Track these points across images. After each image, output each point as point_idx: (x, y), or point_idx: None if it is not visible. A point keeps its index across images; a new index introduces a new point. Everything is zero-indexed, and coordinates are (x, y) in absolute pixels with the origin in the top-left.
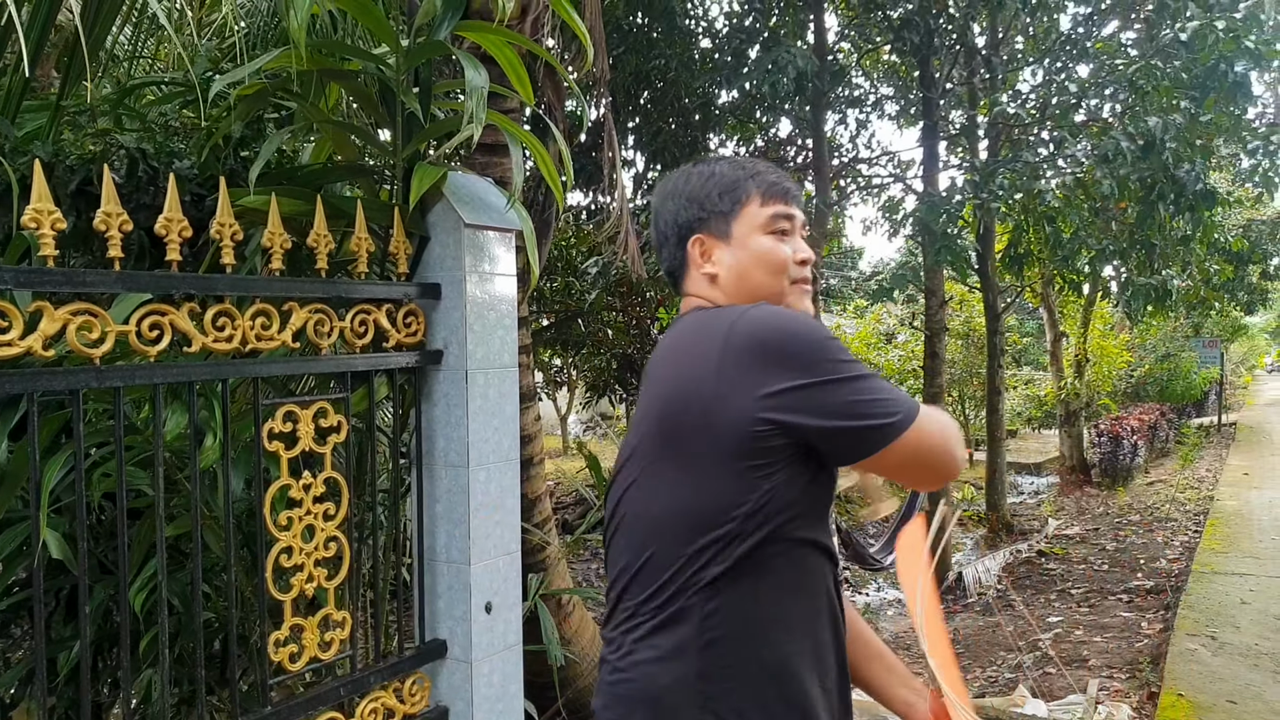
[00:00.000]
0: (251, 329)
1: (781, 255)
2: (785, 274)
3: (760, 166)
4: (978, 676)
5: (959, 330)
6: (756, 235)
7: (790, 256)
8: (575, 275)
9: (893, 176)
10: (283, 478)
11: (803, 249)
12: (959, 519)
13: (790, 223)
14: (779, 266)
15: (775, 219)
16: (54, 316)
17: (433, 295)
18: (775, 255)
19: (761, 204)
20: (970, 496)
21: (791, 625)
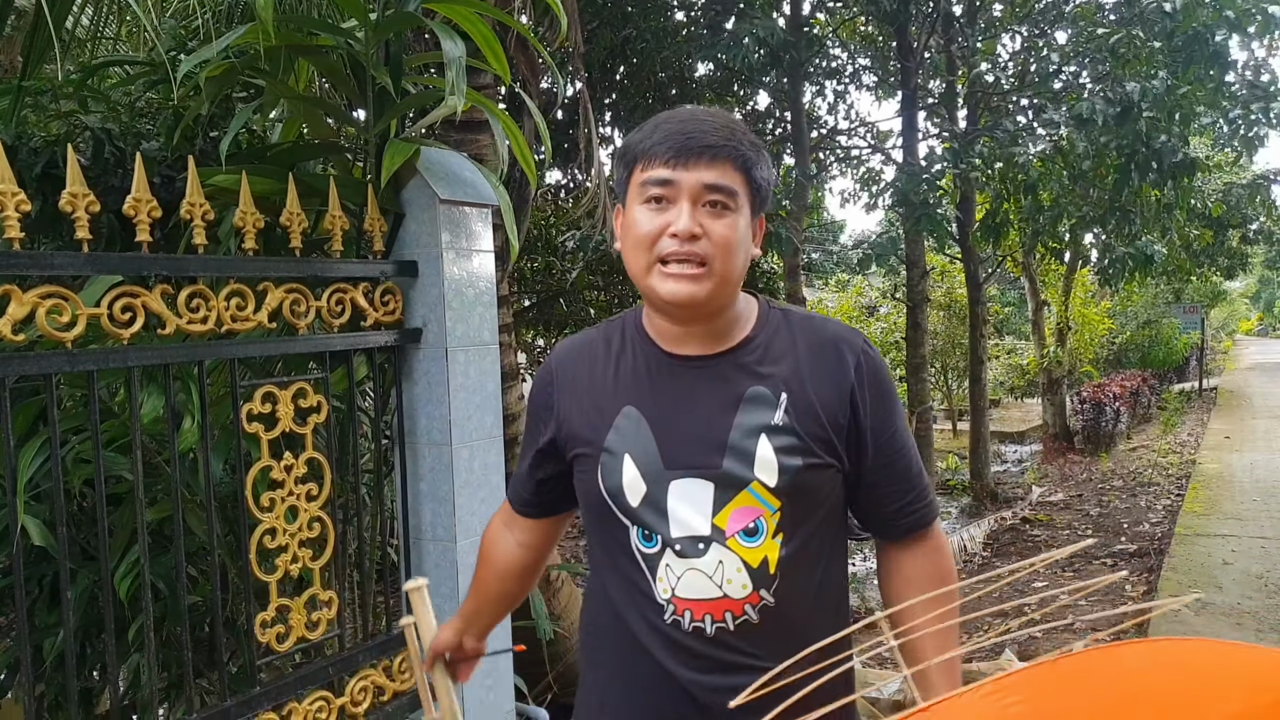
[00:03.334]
0: (227, 310)
1: (641, 229)
2: (647, 250)
3: (670, 121)
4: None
5: (941, 301)
6: (633, 205)
7: (653, 230)
8: (556, 255)
9: (871, 147)
10: (263, 459)
11: (679, 220)
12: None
13: (667, 188)
14: (639, 241)
15: (645, 185)
16: (22, 300)
17: (410, 273)
18: (634, 229)
19: (642, 168)
20: (954, 466)
21: None
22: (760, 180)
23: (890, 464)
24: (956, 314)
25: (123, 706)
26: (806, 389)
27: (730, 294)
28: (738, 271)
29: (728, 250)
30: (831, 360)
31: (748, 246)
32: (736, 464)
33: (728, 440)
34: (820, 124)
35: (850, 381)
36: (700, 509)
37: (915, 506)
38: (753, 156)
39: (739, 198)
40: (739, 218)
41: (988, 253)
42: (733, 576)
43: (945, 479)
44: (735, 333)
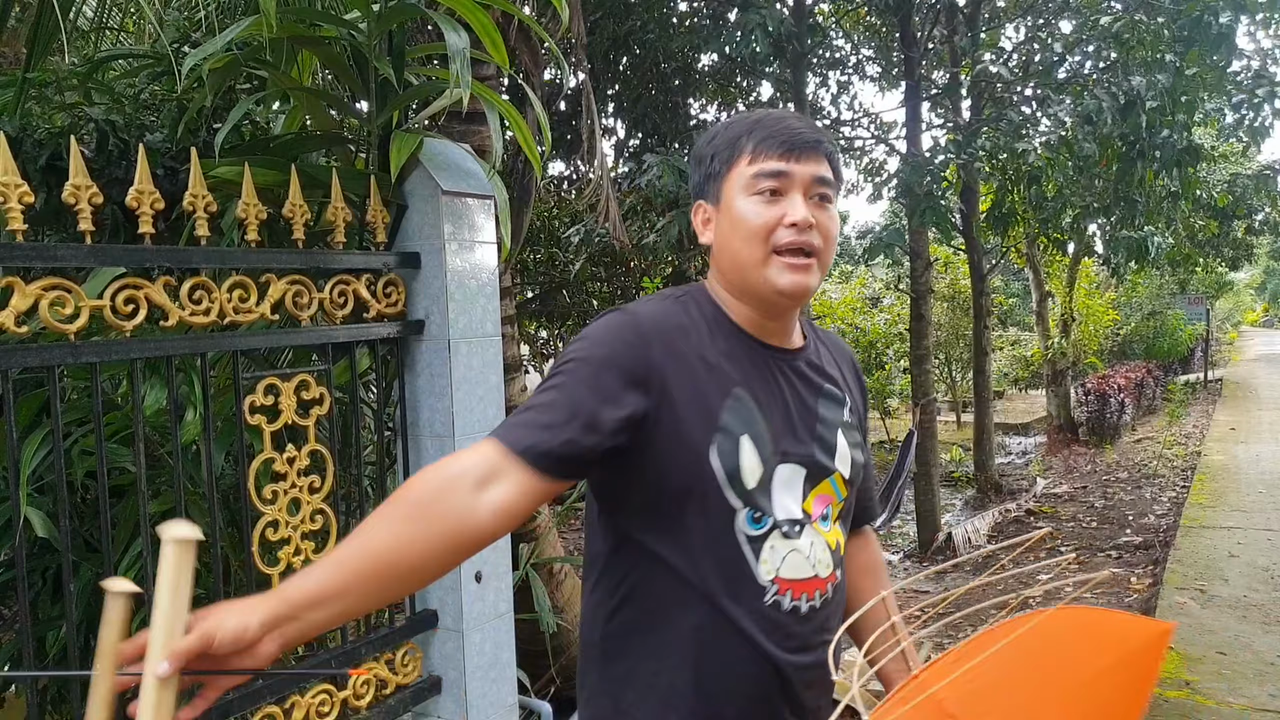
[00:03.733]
0: (229, 302)
1: (754, 220)
2: (762, 241)
3: (770, 118)
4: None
5: (944, 292)
6: (739, 198)
7: (769, 221)
8: (558, 246)
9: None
10: (266, 451)
11: (796, 210)
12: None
13: (781, 180)
14: (752, 233)
15: (758, 178)
16: (25, 292)
17: (412, 264)
18: (747, 220)
19: (750, 161)
20: (958, 457)
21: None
22: (839, 176)
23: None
24: (960, 305)
25: None
26: (854, 392)
27: (817, 282)
28: (830, 262)
29: (830, 241)
30: (850, 367)
31: (836, 228)
32: (824, 454)
33: (816, 431)
34: (824, 115)
35: (860, 389)
36: (794, 493)
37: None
38: (838, 155)
39: (836, 192)
40: (834, 209)
41: (992, 244)
42: (821, 557)
43: (949, 471)
44: (797, 332)
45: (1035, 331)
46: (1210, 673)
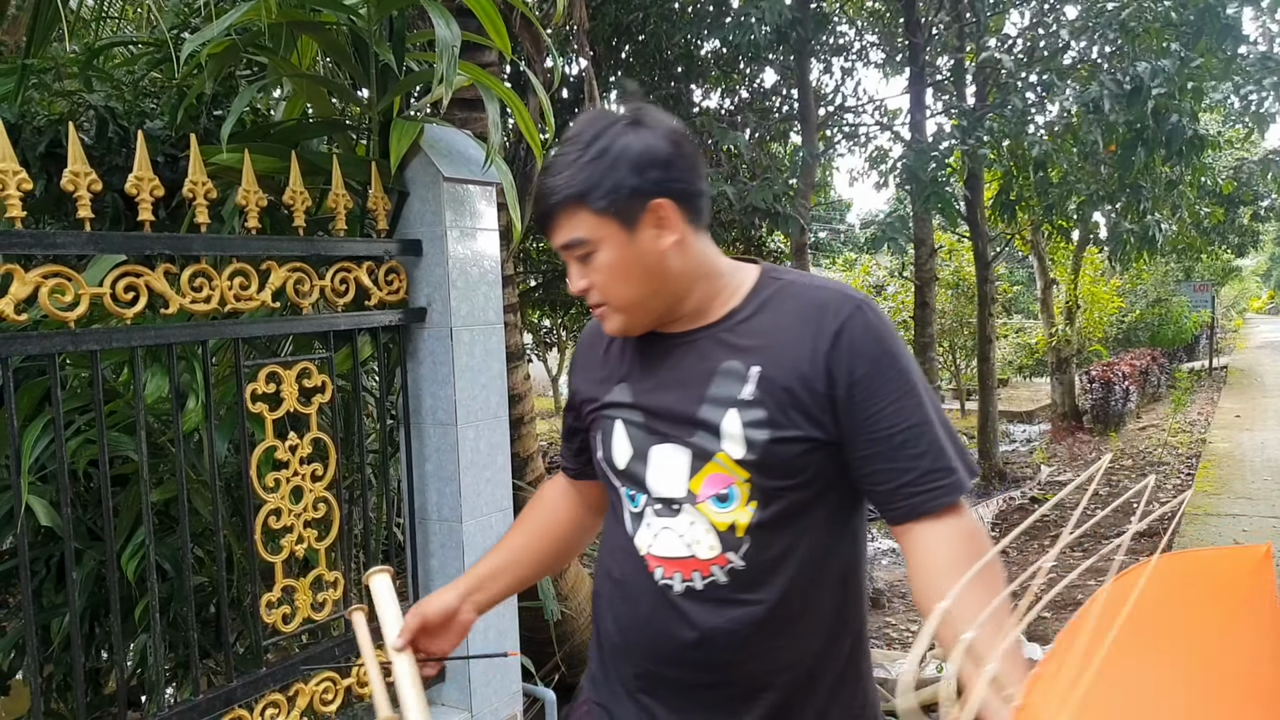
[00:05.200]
0: (230, 289)
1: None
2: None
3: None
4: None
5: (949, 280)
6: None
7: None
8: None
9: (879, 125)
10: (268, 439)
11: (571, 283)
12: None
13: (566, 251)
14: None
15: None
16: (25, 279)
17: (414, 252)
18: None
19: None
20: None
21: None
22: (608, 197)
23: (886, 438)
24: (964, 293)
25: (130, 687)
26: (783, 360)
27: (659, 301)
28: (642, 290)
29: (612, 285)
30: (810, 327)
31: (643, 258)
32: (705, 436)
33: (698, 413)
34: (827, 101)
35: (825, 349)
36: (678, 473)
37: (921, 487)
38: (586, 183)
39: (593, 238)
40: (606, 251)
41: (996, 231)
42: (701, 538)
43: None
44: (718, 307)
45: (1040, 319)
46: None
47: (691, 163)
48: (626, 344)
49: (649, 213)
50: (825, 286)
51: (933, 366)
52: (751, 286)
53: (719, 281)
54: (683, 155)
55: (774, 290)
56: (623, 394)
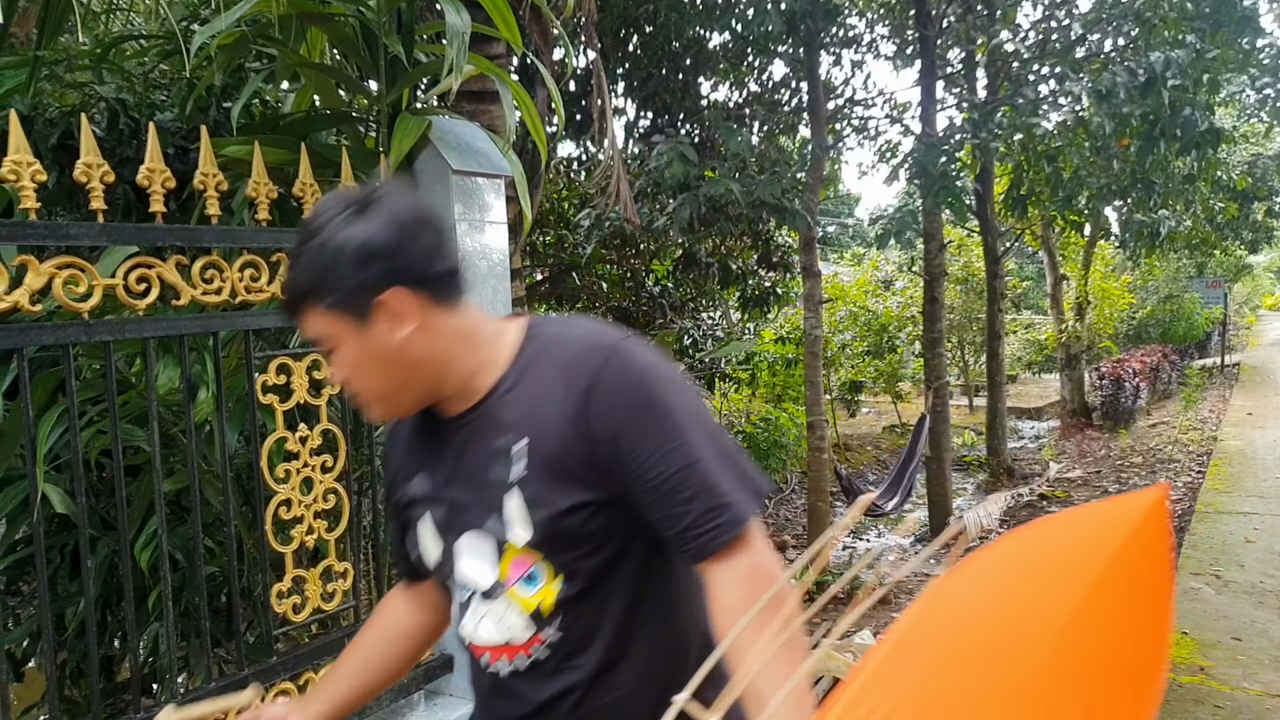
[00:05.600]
0: (241, 281)
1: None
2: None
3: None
4: None
5: (958, 275)
6: None
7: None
8: (568, 228)
9: (889, 118)
10: (278, 430)
11: (332, 371)
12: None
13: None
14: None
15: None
16: (39, 271)
17: None
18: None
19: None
20: (970, 441)
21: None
22: (332, 295)
23: (656, 487)
24: (974, 288)
25: (142, 674)
26: (546, 429)
27: (413, 389)
28: (389, 382)
29: (359, 379)
30: (565, 387)
31: (382, 352)
32: (496, 523)
33: (486, 499)
34: (837, 94)
35: (580, 410)
36: (485, 562)
37: (698, 530)
38: (312, 281)
39: (329, 335)
40: (345, 347)
41: (1006, 226)
42: (513, 622)
43: (961, 455)
44: (485, 380)
45: (1049, 315)
46: (1225, 658)
47: (427, 242)
48: (418, 431)
49: (379, 307)
50: (576, 340)
51: (941, 362)
52: (514, 352)
53: (481, 353)
54: (414, 238)
55: (534, 351)
56: (423, 485)
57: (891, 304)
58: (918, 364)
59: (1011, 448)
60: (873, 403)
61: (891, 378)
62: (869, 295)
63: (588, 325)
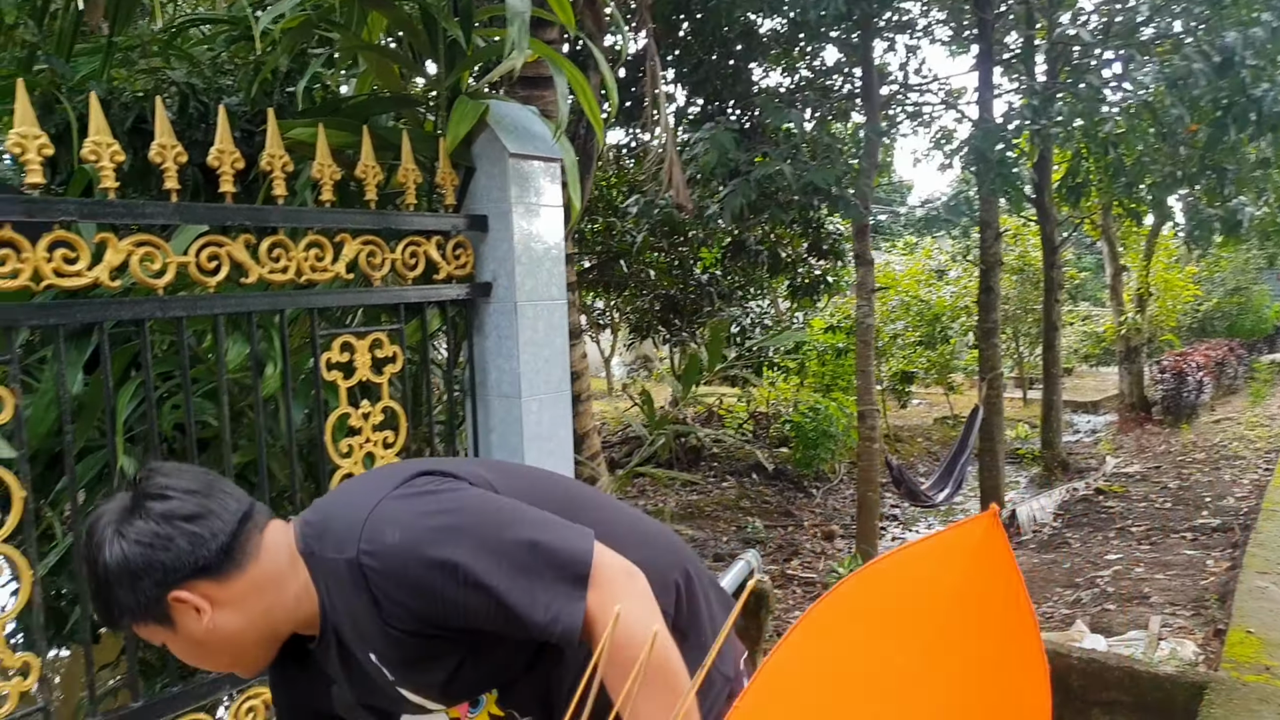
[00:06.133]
0: (306, 260)
1: None
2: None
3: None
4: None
5: (1013, 265)
6: None
7: None
8: (617, 215)
9: (944, 104)
10: (341, 406)
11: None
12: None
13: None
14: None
15: None
16: (118, 248)
17: (480, 227)
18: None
19: None
20: (1024, 435)
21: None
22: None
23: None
24: (1029, 278)
25: None
26: (375, 637)
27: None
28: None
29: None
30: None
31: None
32: (411, 705)
33: (391, 696)
34: (891, 80)
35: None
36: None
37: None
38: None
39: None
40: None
41: (1064, 214)
42: None
43: (1014, 448)
44: (310, 604)
45: (1107, 307)
46: None
47: (189, 536)
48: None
49: (175, 603)
50: (334, 553)
51: (996, 353)
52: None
53: (291, 582)
54: (170, 541)
55: (320, 575)
56: (342, 695)
57: (945, 294)
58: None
59: (1066, 441)
60: (923, 394)
61: (943, 369)
62: (921, 284)
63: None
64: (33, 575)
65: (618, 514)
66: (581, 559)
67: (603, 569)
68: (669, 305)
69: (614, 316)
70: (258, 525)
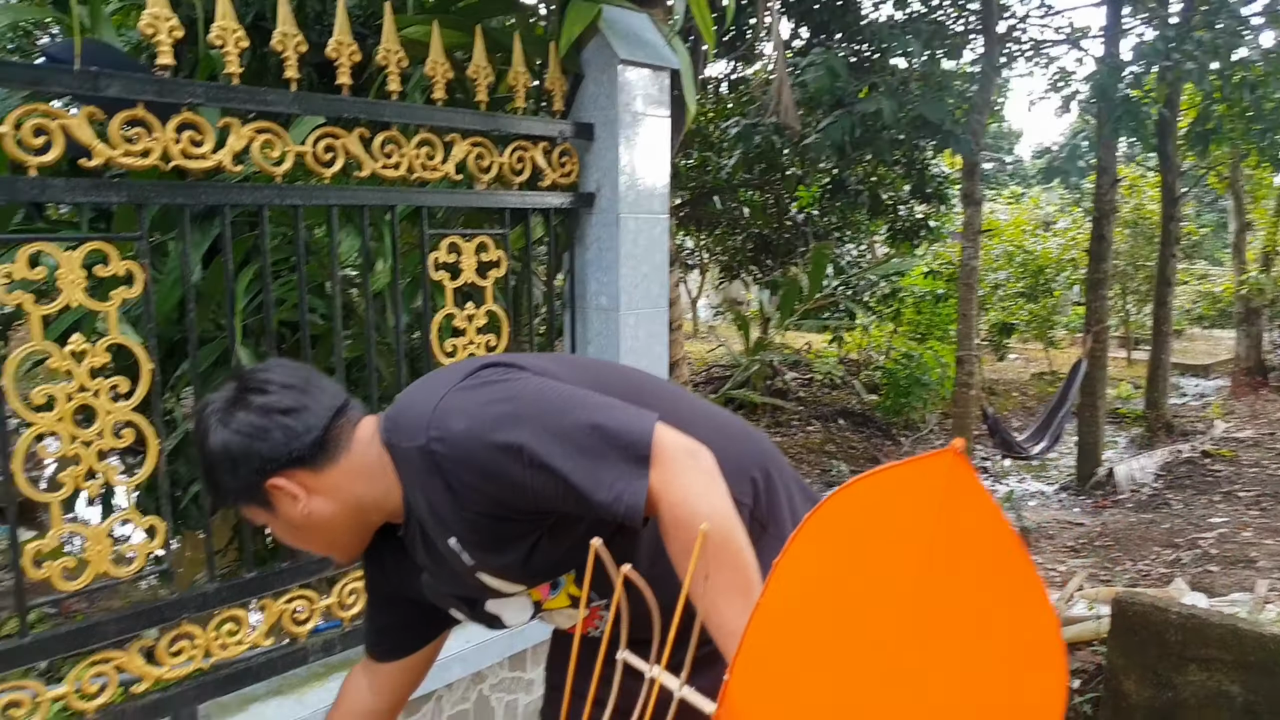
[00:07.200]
0: (417, 158)
1: None
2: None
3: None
4: (1128, 569)
5: (1127, 218)
6: None
7: None
8: (712, 149)
9: (1066, 40)
10: (448, 307)
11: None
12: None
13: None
14: None
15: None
16: (240, 133)
17: (586, 135)
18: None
19: None
20: (1127, 394)
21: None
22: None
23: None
24: (1143, 233)
25: None
26: (455, 522)
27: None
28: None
29: (300, 544)
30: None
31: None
32: (491, 591)
33: (471, 584)
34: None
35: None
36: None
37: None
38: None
39: (257, 520)
40: (274, 526)
41: (1189, 164)
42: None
43: (1115, 408)
44: (397, 496)
45: (1227, 265)
46: None
47: (284, 428)
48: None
49: (273, 489)
50: (405, 447)
51: (1104, 305)
52: (394, 467)
53: (380, 480)
54: (267, 432)
55: (401, 463)
56: (429, 585)
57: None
58: (1075, 311)
59: (1172, 404)
60: (1021, 349)
61: (1045, 323)
62: (1027, 234)
63: (410, 408)
64: (159, 444)
65: (693, 405)
66: (642, 439)
67: (664, 447)
68: (761, 245)
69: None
70: (351, 420)
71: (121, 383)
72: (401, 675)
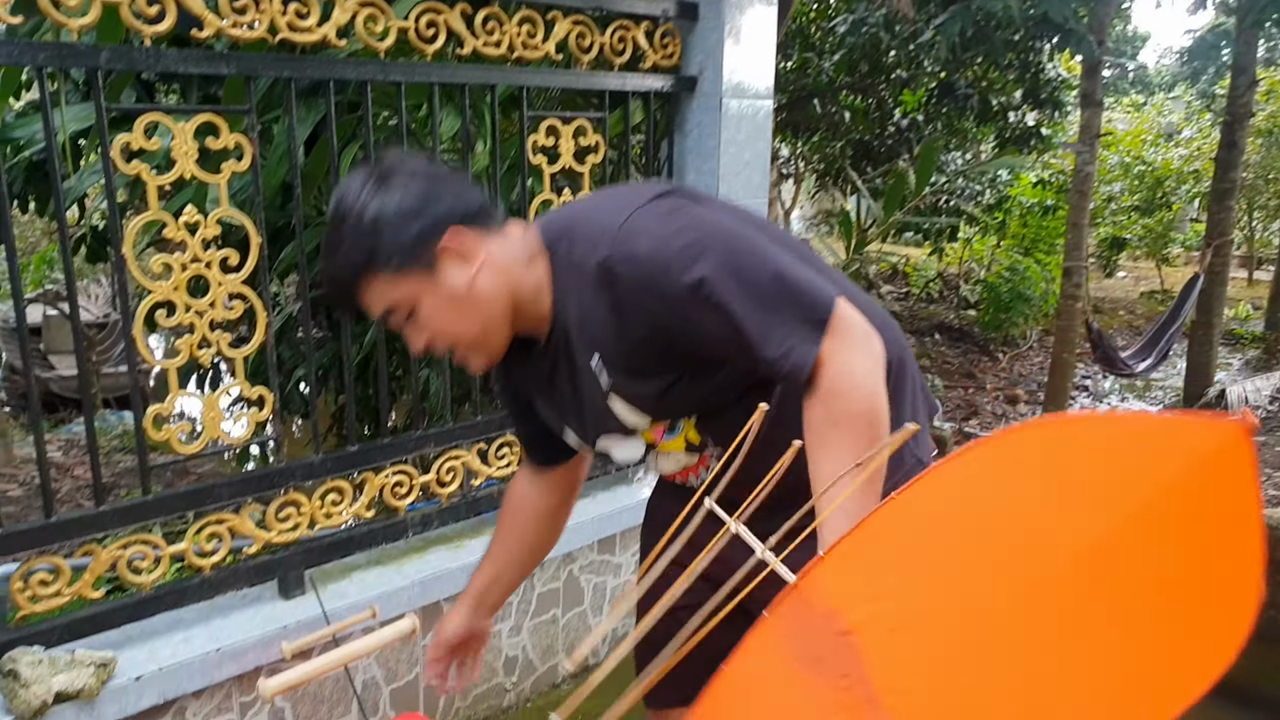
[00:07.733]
0: (518, 35)
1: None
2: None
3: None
4: None
5: (1261, 126)
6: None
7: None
8: (814, 50)
9: None
10: (545, 192)
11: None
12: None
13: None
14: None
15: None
16: (344, 6)
17: (690, 16)
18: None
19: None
20: (1245, 315)
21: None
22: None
23: (718, 354)
24: (1277, 143)
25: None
26: (604, 340)
27: (499, 324)
28: (476, 323)
29: (448, 330)
30: (596, 298)
31: (460, 295)
32: (615, 421)
33: (598, 409)
34: None
35: (615, 320)
36: (630, 444)
37: (772, 374)
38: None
39: (404, 299)
40: (425, 303)
41: None
42: (680, 459)
43: (1231, 328)
44: (544, 303)
45: None
46: None
47: (455, 184)
48: (520, 364)
49: (443, 253)
50: (583, 250)
51: (1229, 217)
52: (549, 271)
53: (533, 272)
54: (443, 183)
55: (561, 269)
56: (547, 409)
57: (1174, 156)
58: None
59: None
60: (1131, 266)
61: (1160, 238)
62: (1146, 145)
63: (588, 220)
64: (267, 317)
65: (845, 281)
66: (823, 303)
67: (843, 319)
68: (862, 151)
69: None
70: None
71: (232, 254)
72: (565, 474)
